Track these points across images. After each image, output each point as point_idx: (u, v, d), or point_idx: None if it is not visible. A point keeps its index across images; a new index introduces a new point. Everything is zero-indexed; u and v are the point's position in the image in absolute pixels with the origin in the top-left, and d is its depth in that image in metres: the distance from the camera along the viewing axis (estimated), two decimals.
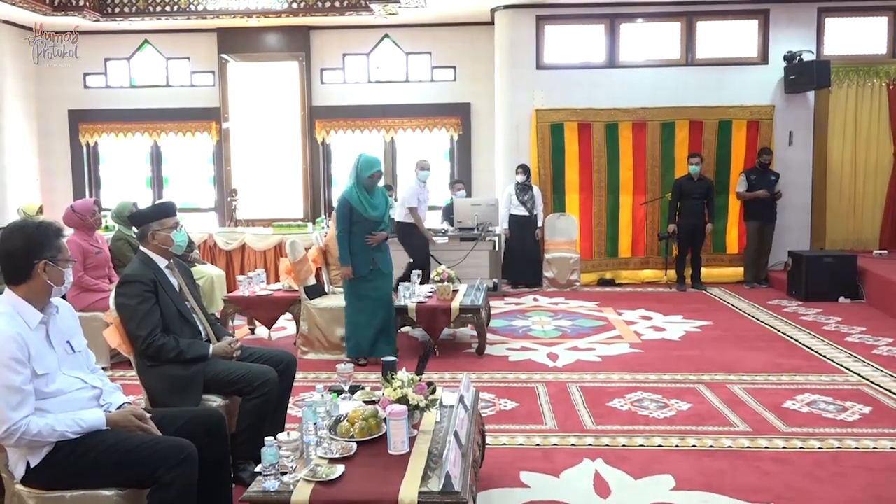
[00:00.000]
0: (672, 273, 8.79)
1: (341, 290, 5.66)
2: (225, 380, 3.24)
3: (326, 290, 6.17)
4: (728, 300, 7.91)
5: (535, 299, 8.03)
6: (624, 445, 3.79)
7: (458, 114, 10.01)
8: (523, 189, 8.60)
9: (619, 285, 9.01)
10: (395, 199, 9.23)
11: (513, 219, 8.65)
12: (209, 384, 3.24)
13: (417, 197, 7.64)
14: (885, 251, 8.83)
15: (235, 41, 9.92)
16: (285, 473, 2.39)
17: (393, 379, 2.89)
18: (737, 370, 5.17)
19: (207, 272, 6.58)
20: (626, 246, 9.20)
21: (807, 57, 8.72)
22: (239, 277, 6.68)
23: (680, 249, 8.56)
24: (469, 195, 9.50)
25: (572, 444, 3.81)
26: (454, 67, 9.99)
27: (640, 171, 9.08)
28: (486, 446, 3.60)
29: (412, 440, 2.72)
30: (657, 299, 8.03)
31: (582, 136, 9.05)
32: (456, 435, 2.63)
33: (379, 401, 2.91)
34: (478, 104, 9.95)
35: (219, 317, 6.00)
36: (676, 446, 3.77)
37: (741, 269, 8.87)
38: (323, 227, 8.33)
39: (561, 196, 9.13)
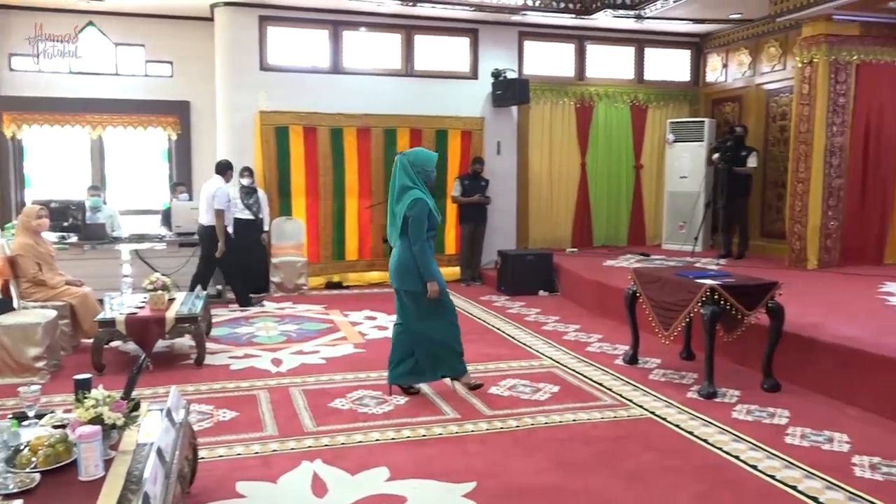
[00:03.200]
0: None
1: (34, 304, 5.04)
2: None
3: (15, 305, 5.45)
4: None
5: (261, 305, 7.87)
6: (343, 444, 3.88)
7: (177, 112, 9.46)
8: (248, 192, 8.38)
9: (347, 288, 9.20)
10: (106, 203, 8.50)
11: (238, 223, 8.38)
12: None
13: (228, 201, 7.50)
14: (576, 248, 10.12)
15: None
16: None
17: (85, 398, 2.65)
18: None
19: None
20: (353, 249, 9.42)
21: (510, 75, 9.66)
22: None
23: None
24: (191, 198, 9.03)
25: (292, 448, 3.81)
26: (171, 63, 9.42)
27: (364, 175, 9.35)
28: (202, 460, 3.47)
29: (109, 462, 2.53)
30: (382, 300, 8.32)
31: (308, 140, 9.08)
32: (159, 452, 2.50)
33: (69, 424, 2.65)
34: (198, 103, 9.50)
35: None
36: (393, 439, 3.96)
37: (458, 269, 9.57)
38: (13, 235, 7.35)
39: (287, 200, 9.07)
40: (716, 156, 9.07)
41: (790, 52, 8.91)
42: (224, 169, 7.69)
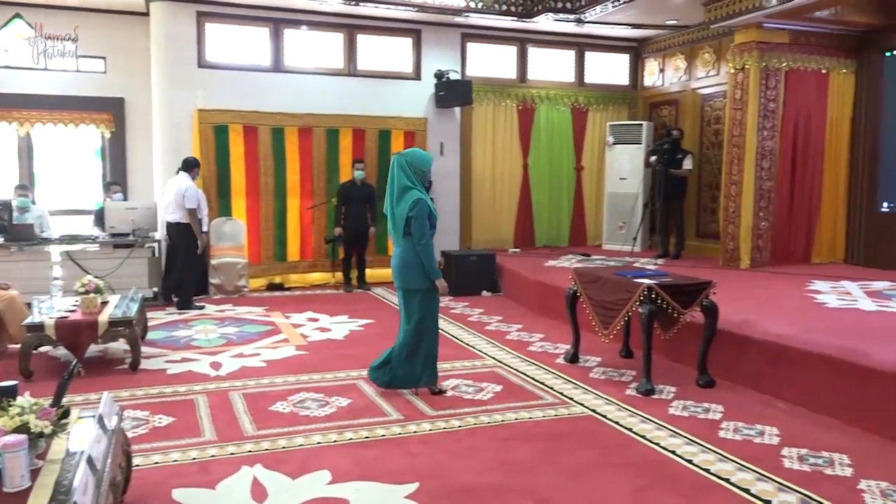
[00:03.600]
0: (339, 275, 9.11)
1: None
2: None
3: None
4: (391, 299, 8.43)
5: (201, 308, 7.69)
6: (284, 447, 3.82)
7: (110, 109, 9.17)
8: None
9: (289, 289, 9.08)
10: (34, 202, 8.18)
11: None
12: None
13: (199, 199, 7.51)
14: (519, 249, 10.22)
15: None
16: None
17: (10, 406, 2.54)
18: None
19: None
20: (295, 250, 9.30)
21: (453, 76, 9.69)
22: None
23: (346, 252, 8.91)
24: (126, 198, 8.78)
25: (231, 454, 3.73)
26: (104, 58, 9.12)
27: (306, 175, 9.24)
28: (136, 468, 3.38)
29: (36, 472, 2.43)
30: (325, 301, 8.26)
31: (248, 139, 8.92)
32: (90, 460, 2.42)
33: None
34: (133, 100, 9.23)
35: None
36: (335, 441, 3.92)
37: None
38: None
39: (227, 200, 8.89)
40: (653, 158, 9.29)
41: (724, 59, 9.19)
42: (191, 166, 7.69)
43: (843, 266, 8.48)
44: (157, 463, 3.61)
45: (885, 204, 8.35)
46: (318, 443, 3.90)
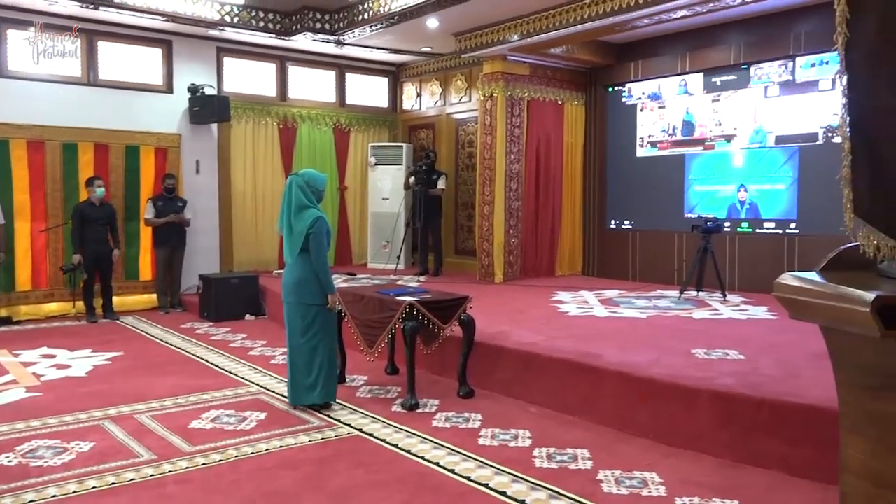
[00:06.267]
0: (80, 304, 8.22)
1: None
2: None
3: None
4: (142, 328, 7.81)
5: None
6: None
7: None
8: None
9: (18, 323, 8.01)
10: None
11: None
12: None
13: None
14: (282, 270, 9.91)
15: None
16: None
17: None
18: (146, 398, 5.11)
19: None
20: (26, 278, 8.23)
21: (209, 91, 9.27)
22: None
23: (87, 278, 8.07)
24: None
25: None
26: None
27: (38, 195, 8.25)
28: None
29: None
30: (64, 334, 7.41)
31: None
32: None
33: None
34: None
35: None
36: (75, 493, 3.50)
37: (156, 296, 8.88)
38: None
39: None
40: (412, 179, 9.64)
41: (474, 86, 9.84)
42: None
43: (581, 277, 9.46)
44: None
45: (613, 221, 9.47)
46: (54, 496, 3.45)
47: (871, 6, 1.97)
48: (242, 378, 5.76)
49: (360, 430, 4.47)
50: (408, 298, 5.00)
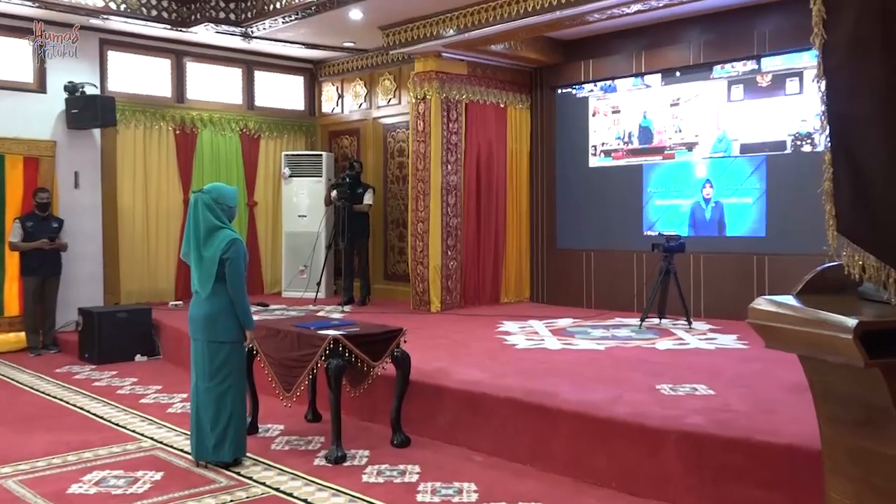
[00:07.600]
0: None
1: None
2: None
3: None
4: (6, 373, 7.51)
5: None
6: None
7: None
8: None
9: None
10: None
11: None
12: None
13: None
14: (181, 302, 9.76)
15: None
16: None
17: None
18: (12, 459, 4.89)
19: None
20: None
21: (90, 90, 9.05)
22: None
23: None
24: None
25: None
26: None
27: None
28: None
29: None
30: None
31: None
32: None
33: None
34: None
35: None
36: None
37: (24, 335, 8.55)
38: None
39: None
40: (334, 194, 9.60)
41: (405, 87, 9.90)
42: None
43: (529, 304, 9.58)
44: None
45: (564, 240, 9.65)
46: None
47: (849, 1, 2.06)
48: (133, 431, 5.58)
49: (276, 489, 4.39)
50: (331, 332, 4.96)
